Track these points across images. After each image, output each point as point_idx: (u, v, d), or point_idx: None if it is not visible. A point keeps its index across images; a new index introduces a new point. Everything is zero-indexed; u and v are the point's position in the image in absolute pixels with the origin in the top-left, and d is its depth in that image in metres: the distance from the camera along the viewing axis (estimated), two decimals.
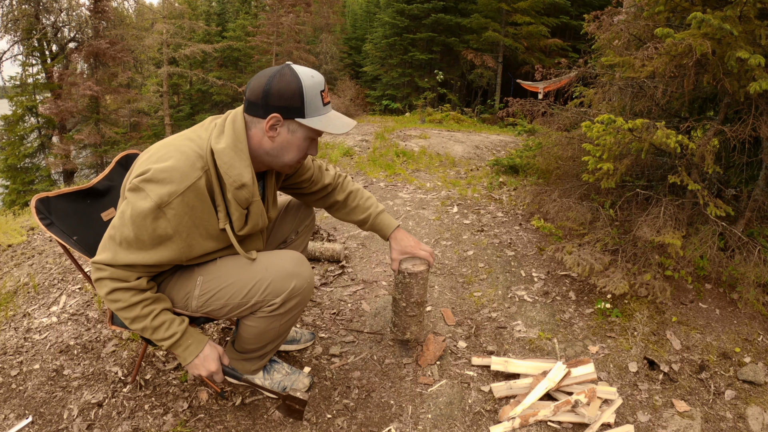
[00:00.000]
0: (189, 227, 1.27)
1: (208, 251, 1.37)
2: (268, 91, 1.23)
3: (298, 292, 1.43)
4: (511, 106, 3.89)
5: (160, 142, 1.34)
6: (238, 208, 1.31)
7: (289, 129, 1.28)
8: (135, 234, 1.23)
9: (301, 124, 1.27)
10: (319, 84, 1.27)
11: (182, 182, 1.21)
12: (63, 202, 1.58)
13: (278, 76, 1.23)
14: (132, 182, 1.23)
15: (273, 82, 1.23)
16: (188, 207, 1.24)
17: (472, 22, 17.42)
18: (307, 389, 1.76)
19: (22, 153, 14.44)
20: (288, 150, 1.31)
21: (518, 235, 3.24)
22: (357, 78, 23.59)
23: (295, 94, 1.22)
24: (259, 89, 1.24)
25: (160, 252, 1.27)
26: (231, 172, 1.24)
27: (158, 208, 1.20)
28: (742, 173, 2.48)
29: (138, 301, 1.31)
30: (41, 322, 2.19)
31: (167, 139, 1.34)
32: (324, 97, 1.28)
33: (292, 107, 1.24)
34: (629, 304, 2.32)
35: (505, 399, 1.82)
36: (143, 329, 1.33)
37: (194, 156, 1.24)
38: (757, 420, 1.77)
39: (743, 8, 1.92)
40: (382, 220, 1.78)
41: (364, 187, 4.41)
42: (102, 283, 1.28)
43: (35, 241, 3.06)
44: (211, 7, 26.29)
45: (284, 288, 1.40)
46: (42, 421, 1.65)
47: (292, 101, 1.23)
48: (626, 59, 2.34)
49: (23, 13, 14.13)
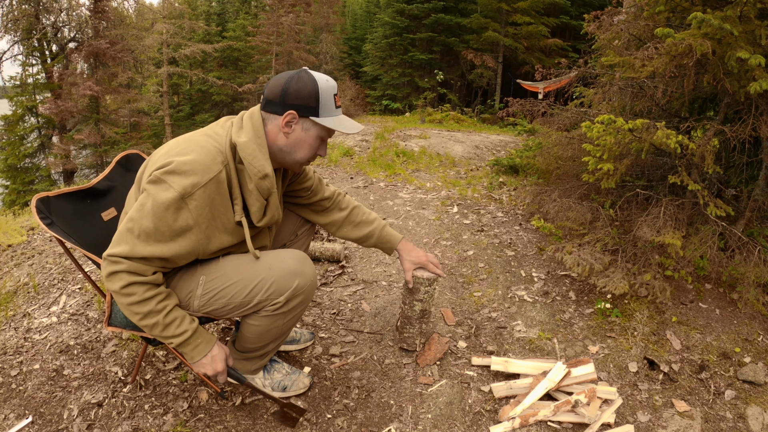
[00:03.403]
0: (208, 219, 1.30)
1: (223, 245, 1.38)
2: (287, 90, 1.32)
3: (301, 291, 1.44)
4: (511, 106, 3.89)
5: (176, 139, 1.37)
6: (259, 199, 1.36)
7: (303, 127, 1.36)
8: (155, 225, 1.24)
9: (315, 123, 1.36)
10: (333, 88, 1.37)
11: (205, 174, 1.25)
12: (63, 202, 1.58)
13: (296, 78, 1.33)
14: (153, 174, 1.25)
15: (291, 82, 1.33)
16: (209, 199, 1.28)
17: (472, 22, 17.42)
18: (307, 389, 1.76)
19: (22, 153, 14.43)
20: (300, 147, 1.38)
21: (518, 235, 3.24)
22: (357, 78, 23.59)
23: (311, 95, 1.32)
24: (278, 88, 1.33)
25: (178, 244, 1.28)
26: (255, 163, 1.30)
27: (181, 198, 1.23)
28: (742, 173, 2.48)
29: (152, 296, 1.30)
30: (41, 322, 2.19)
31: (185, 136, 1.36)
32: (336, 100, 1.38)
33: (308, 106, 1.33)
34: (629, 304, 2.32)
35: (505, 399, 1.82)
36: (154, 325, 1.32)
37: (215, 150, 1.29)
38: (757, 420, 1.77)
39: (743, 8, 1.92)
40: (389, 233, 1.83)
41: (363, 187, 4.41)
42: (117, 276, 1.26)
43: (35, 241, 3.06)
44: (211, 7, 26.28)
45: (288, 286, 1.41)
46: (42, 421, 1.65)
47: (308, 101, 1.33)
48: (626, 59, 2.34)
49: (23, 13, 14.13)
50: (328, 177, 4.89)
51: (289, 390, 1.74)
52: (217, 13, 25.52)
